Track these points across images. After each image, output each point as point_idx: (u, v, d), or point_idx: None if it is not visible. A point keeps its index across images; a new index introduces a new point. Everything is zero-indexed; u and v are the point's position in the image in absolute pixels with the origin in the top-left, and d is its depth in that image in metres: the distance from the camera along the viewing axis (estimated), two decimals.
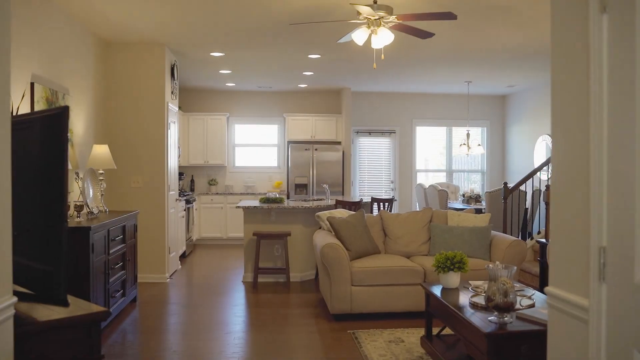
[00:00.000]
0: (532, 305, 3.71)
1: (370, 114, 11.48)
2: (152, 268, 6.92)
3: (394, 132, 11.57)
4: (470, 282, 4.44)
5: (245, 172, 11.16)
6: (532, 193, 8.68)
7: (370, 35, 4.65)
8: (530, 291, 4.03)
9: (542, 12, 5.48)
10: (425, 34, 4.93)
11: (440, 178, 11.81)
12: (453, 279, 4.26)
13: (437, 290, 4.27)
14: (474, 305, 3.79)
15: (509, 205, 8.40)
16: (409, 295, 5.30)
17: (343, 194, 10.62)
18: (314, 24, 5.51)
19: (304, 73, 9.01)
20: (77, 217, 4.81)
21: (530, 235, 8.71)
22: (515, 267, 3.43)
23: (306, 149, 10.51)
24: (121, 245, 5.29)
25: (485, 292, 3.97)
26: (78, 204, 4.85)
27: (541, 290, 6.06)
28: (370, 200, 7.93)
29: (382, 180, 11.62)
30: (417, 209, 11.47)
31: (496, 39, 6.60)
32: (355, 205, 7.10)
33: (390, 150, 11.62)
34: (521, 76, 9.22)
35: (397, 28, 4.75)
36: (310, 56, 7.62)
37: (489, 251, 5.67)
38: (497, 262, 3.51)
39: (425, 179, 11.72)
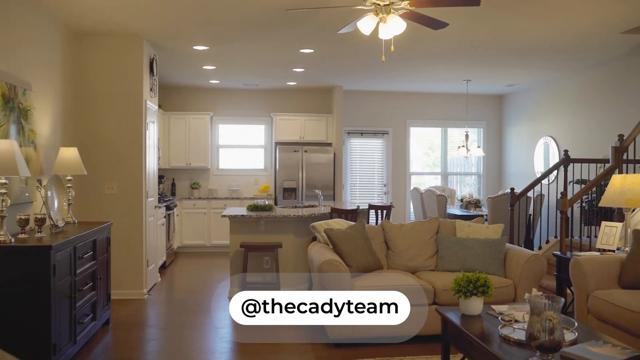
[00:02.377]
0: (576, 341, 3.14)
1: (362, 113, 10.89)
2: (128, 283, 6.25)
3: (387, 133, 11.00)
4: (492, 307, 3.87)
5: (229, 175, 10.51)
6: (534, 199, 8.15)
7: (378, 24, 4.06)
8: (572, 321, 3.46)
9: (565, 3, 4.95)
10: (438, 24, 4.35)
11: (434, 181, 11.26)
12: (476, 304, 3.69)
13: (456, 317, 3.70)
14: (505, 340, 3.21)
15: (515, 213, 7.88)
16: (419, 317, 4.70)
17: (334, 199, 10.03)
18: (312, 10, 4.91)
19: (294, 70, 8.39)
20: (39, 231, 4.15)
21: (535, 245, 8.20)
22: (562, 300, 2.85)
23: (295, 151, 9.89)
24: (91, 262, 4.64)
25: (516, 321, 3.43)
26: (39, 216, 4.19)
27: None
28: (367, 207, 7.34)
29: (374, 183, 11.04)
30: (412, 215, 10.94)
31: (508, 32, 6.05)
32: (352, 214, 6.51)
33: (383, 152, 11.05)
34: (523, 74, 8.70)
35: (407, 16, 4.16)
36: (302, 51, 7.01)
37: (503, 266, 5.11)
38: (539, 292, 2.94)
39: (419, 182, 11.17)
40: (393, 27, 3.98)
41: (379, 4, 3.94)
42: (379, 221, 7.22)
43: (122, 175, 6.28)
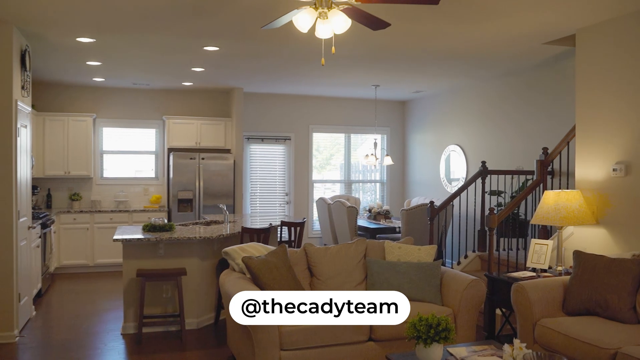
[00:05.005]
0: None
1: (264, 118, 10.19)
2: None
3: (289, 139, 10.39)
4: (449, 350, 3.38)
5: (116, 185, 9.37)
6: (446, 210, 7.90)
7: (316, 20, 3.42)
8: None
9: (500, 9, 4.59)
10: (379, 24, 3.80)
11: (337, 189, 10.81)
12: (437, 353, 3.16)
13: None
14: None
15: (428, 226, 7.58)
16: (355, 356, 4.14)
17: (234, 210, 9.25)
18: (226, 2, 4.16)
19: (193, 69, 7.53)
20: None
21: (446, 257, 7.96)
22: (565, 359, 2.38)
23: (191, 158, 8.99)
24: None
25: None
26: None
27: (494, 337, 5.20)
28: (279, 224, 6.66)
29: (276, 192, 10.38)
30: (316, 226, 10.41)
31: (429, 36, 5.65)
32: (264, 234, 5.82)
33: (285, 159, 10.42)
34: (431, 81, 8.45)
35: (348, 12, 3.56)
36: (206, 48, 6.20)
37: (439, 293, 4.66)
38: (528, 350, 2.45)
39: (322, 191, 10.67)
40: (335, 24, 3.35)
41: None
42: (292, 238, 6.59)
43: None
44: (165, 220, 5.92)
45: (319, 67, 7.30)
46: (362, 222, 8.69)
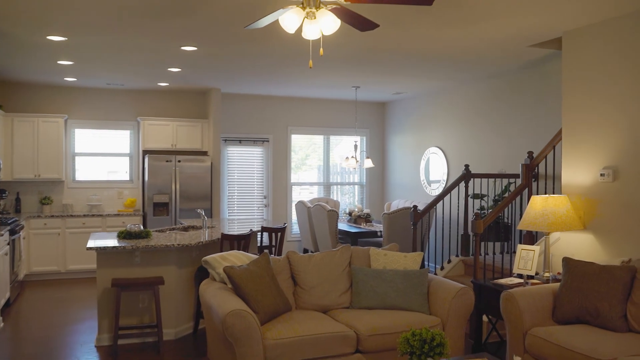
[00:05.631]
0: None
1: (242, 119, 9.99)
2: None
3: (268, 141, 10.20)
4: None
5: (88, 188, 9.08)
6: (429, 214, 7.82)
7: (304, 20, 3.26)
8: None
9: (490, 12, 4.48)
10: (368, 25, 3.65)
11: (315, 192, 10.65)
12: None
13: None
14: None
15: (410, 230, 7.49)
16: None
17: (212, 214, 9.04)
18: None
19: (169, 69, 7.30)
20: None
21: (426, 260, 7.87)
22: None
23: (167, 160, 8.75)
24: None
25: None
26: None
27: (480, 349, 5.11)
28: (260, 229, 6.48)
29: (254, 195, 10.19)
30: (295, 229, 10.25)
31: (415, 38, 5.53)
32: (245, 240, 5.64)
33: (263, 161, 10.23)
34: (413, 82, 8.34)
35: (337, 12, 3.41)
36: (184, 48, 5.99)
37: (427, 302, 4.54)
38: None
39: (301, 193, 10.51)
40: (324, 24, 3.20)
41: None
42: (272, 243, 6.41)
43: None
44: (141, 225, 5.70)
45: (299, 68, 7.14)
46: (342, 225, 8.56)
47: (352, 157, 8.73)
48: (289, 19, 3.19)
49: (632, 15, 4.53)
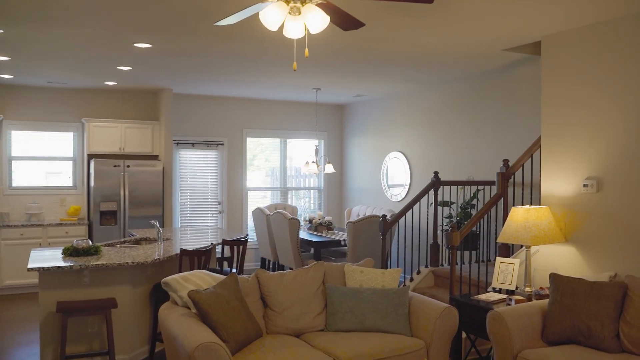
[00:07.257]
0: None
1: (194, 121, 9.46)
2: None
3: (222, 144, 9.71)
4: None
5: (27, 195, 8.35)
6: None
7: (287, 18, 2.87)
8: None
9: (471, 13, 4.21)
10: (354, 24, 3.30)
11: (270, 197, 10.22)
12: None
13: None
14: None
15: (377, 239, 7.21)
16: None
17: (164, 222, 8.49)
18: None
19: (118, 67, 6.73)
20: None
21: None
22: None
23: (115, 165, 8.15)
24: None
25: None
26: None
27: None
28: (220, 243, 6.02)
29: (207, 201, 9.67)
30: (253, 238, 9.79)
31: (386, 39, 5.22)
32: (206, 255, 5.18)
33: (217, 166, 9.73)
34: (375, 85, 8.04)
35: (322, 8, 3.03)
36: (137, 45, 5.48)
37: (408, 322, 4.22)
38: None
39: (256, 198, 10.06)
40: (310, 21, 2.82)
41: None
42: (232, 254, 5.97)
43: None
44: (88, 239, 5.17)
45: (256, 67, 6.71)
46: (303, 234, 8.18)
47: (313, 162, 8.36)
48: (271, 15, 2.79)
49: (615, 21, 4.35)
